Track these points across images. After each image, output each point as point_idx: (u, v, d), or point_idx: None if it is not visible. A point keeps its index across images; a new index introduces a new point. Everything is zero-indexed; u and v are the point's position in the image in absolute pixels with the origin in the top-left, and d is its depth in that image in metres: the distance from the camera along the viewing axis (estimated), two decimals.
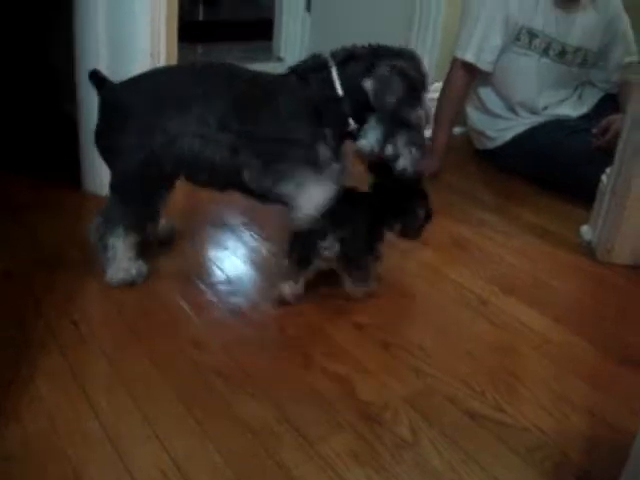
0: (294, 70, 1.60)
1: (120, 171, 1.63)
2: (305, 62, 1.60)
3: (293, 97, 1.56)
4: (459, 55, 2.53)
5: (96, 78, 1.64)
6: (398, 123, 1.56)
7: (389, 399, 1.38)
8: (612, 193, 1.99)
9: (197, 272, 1.79)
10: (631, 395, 1.47)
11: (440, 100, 2.58)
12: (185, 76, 1.63)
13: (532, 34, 2.53)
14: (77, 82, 2.06)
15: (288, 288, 1.63)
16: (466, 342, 1.60)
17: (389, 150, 1.56)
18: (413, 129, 1.58)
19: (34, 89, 2.94)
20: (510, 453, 1.28)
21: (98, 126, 1.64)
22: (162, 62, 2.05)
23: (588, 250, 2.07)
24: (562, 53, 2.59)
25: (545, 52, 2.57)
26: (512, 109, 2.64)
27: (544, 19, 2.52)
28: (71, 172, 2.16)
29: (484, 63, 2.52)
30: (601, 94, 2.75)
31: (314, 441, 1.26)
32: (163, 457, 1.19)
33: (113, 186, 1.65)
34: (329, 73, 1.55)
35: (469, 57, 2.50)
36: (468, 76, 2.56)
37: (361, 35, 3.15)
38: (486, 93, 2.67)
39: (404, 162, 1.57)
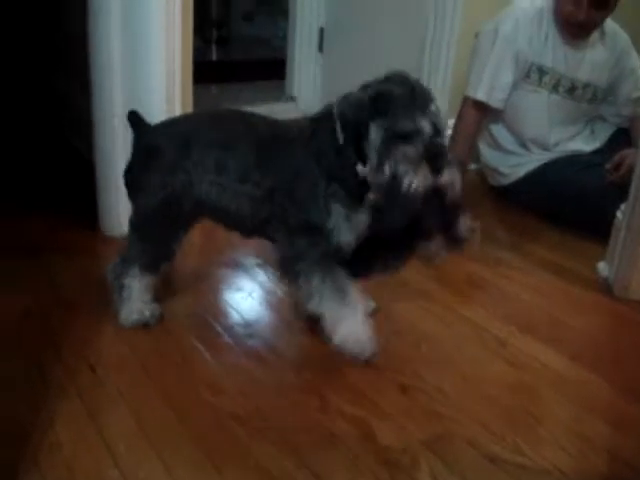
0: (311, 120, 1.60)
1: (141, 207, 1.66)
2: (319, 111, 1.59)
3: (305, 151, 1.54)
4: (470, 94, 2.55)
5: (134, 119, 1.68)
6: (392, 138, 1.42)
7: (408, 443, 1.37)
8: (627, 229, 1.99)
9: (213, 314, 1.80)
10: None
11: (452, 138, 2.60)
12: (209, 122, 1.67)
13: (542, 71, 2.55)
14: (94, 127, 2.10)
15: None
16: (484, 383, 1.59)
17: (386, 171, 1.40)
18: (413, 140, 1.41)
19: (49, 128, 2.99)
20: None
21: (129, 162, 1.69)
22: (178, 106, 2.08)
23: (605, 287, 2.07)
24: (572, 89, 2.60)
25: (555, 88, 2.58)
26: (524, 145, 2.66)
27: (553, 56, 2.54)
28: (88, 214, 2.19)
29: (495, 101, 2.54)
30: (613, 128, 2.76)
31: None
32: None
33: (132, 223, 1.69)
34: (334, 121, 1.50)
35: (480, 96, 2.53)
36: (479, 114, 2.58)
37: (373, 75, 3.20)
38: (498, 130, 2.69)
39: (404, 181, 1.38)
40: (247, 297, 1.90)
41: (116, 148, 2.07)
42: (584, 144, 2.70)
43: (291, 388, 1.53)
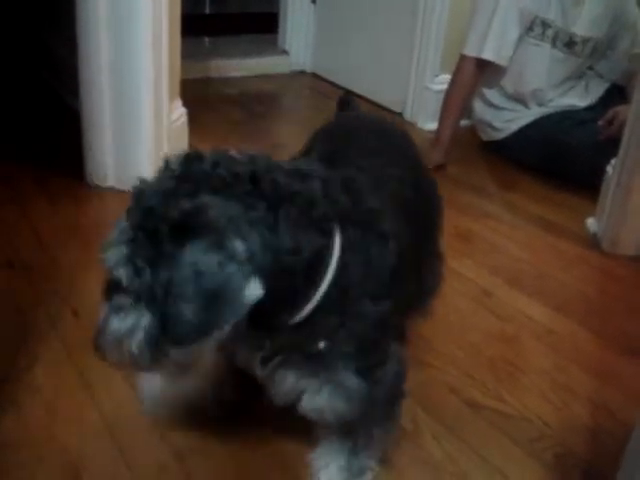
0: None
1: None
2: None
3: None
4: (473, 53, 2.49)
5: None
6: None
7: None
8: (617, 184, 1.98)
9: None
10: (634, 386, 1.46)
11: (448, 94, 2.56)
12: None
13: (545, 24, 2.50)
14: (80, 75, 2.07)
15: None
16: (468, 333, 1.59)
17: None
18: None
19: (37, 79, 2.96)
20: (511, 444, 1.27)
21: None
22: (164, 56, 2.04)
23: (593, 242, 2.06)
24: (570, 43, 2.56)
25: (553, 42, 2.54)
26: (519, 100, 2.62)
27: (554, 9, 2.50)
28: (75, 164, 2.15)
29: (503, 59, 2.49)
30: (607, 85, 2.72)
31: None
32: (163, 449, 1.19)
33: None
34: None
35: (488, 55, 2.47)
36: (479, 72, 2.53)
37: (366, 27, 3.16)
38: (491, 85, 2.65)
39: None
40: None
41: (103, 97, 2.04)
42: (578, 99, 2.66)
43: None
